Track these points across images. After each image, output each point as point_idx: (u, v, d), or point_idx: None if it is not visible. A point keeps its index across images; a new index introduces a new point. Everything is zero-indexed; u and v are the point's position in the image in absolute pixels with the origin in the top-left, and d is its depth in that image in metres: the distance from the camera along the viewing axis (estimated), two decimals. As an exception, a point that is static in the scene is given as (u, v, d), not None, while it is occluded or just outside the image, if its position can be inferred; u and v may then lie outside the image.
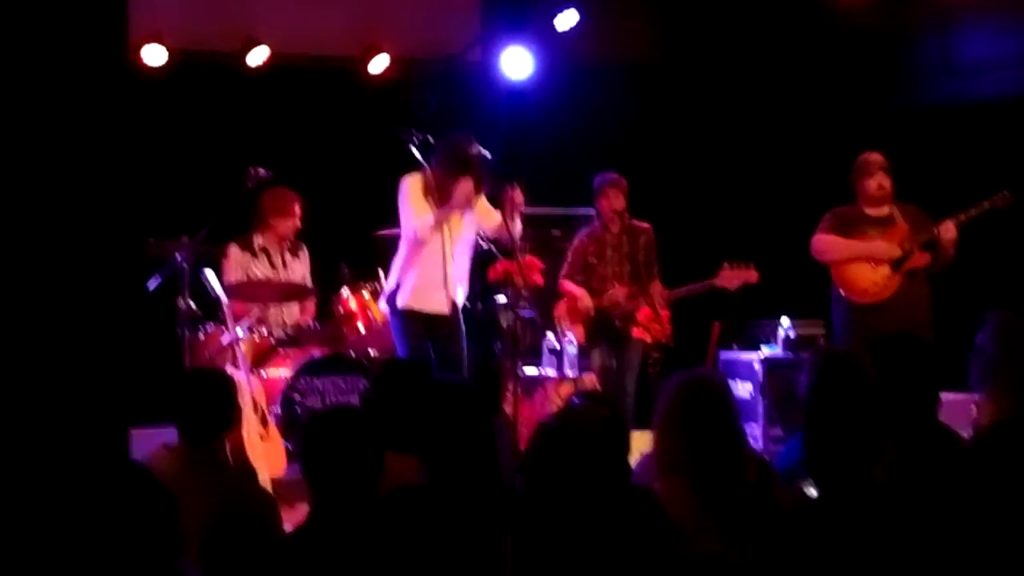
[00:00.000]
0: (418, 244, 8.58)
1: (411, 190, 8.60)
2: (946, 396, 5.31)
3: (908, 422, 4.82)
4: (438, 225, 8.51)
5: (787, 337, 10.24)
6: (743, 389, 10.04)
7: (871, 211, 9.04)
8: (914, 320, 8.48)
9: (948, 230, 8.78)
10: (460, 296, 8.70)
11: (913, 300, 8.86)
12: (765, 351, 10.28)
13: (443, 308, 8.59)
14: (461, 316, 8.72)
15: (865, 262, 8.96)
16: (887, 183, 8.97)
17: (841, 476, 4.19)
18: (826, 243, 9.08)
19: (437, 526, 4.48)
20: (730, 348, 10.56)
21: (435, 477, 4.67)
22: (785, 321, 10.28)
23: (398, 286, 8.71)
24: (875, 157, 9.04)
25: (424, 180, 8.62)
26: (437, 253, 8.55)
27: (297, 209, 9.57)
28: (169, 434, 5.39)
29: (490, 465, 4.69)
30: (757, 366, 10.14)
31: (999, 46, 10.48)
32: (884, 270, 8.94)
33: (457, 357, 8.63)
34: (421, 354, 8.48)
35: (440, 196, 8.56)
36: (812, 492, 4.22)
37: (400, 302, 8.68)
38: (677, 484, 4.59)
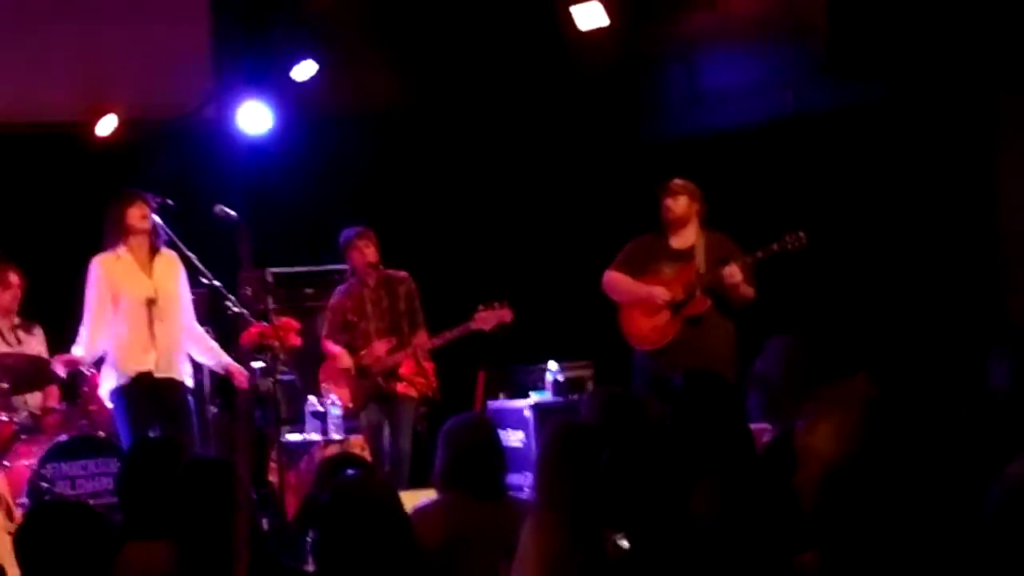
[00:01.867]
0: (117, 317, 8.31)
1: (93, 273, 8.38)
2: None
3: (720, 459, 4.56)
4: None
5: (556, 381, 9.96)
6: (514, 438, 9.67)
7: (674, 241, 8.79)
8: (709, 360, 8.01)
9: (732, 275, 8.49)
10: (179, 366, 8.39)
11: (704, 340, 8.56)
12: (534, 397, 9.98)
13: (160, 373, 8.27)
14: (185, 390, 8.40)
15: (643, 307, 8.74)
16: (677, 206, 8.71)
17: (648, 522, 3.93)
18: (612, 282, 8.86)
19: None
20: (497, 397, 10.26)
21: (186, 562, 4.35)
22: (553, 365, 10.00)
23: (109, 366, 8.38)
24: (674, 180, 8.80)
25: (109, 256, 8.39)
26: (142, 323, 8.28)
27: (13, 279, 9.02)
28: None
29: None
30: (528, 413, 9.79)
31: (742, 73, 10.47)
32: (663, 315, 8.68)
33: (185, 432, 8.20)
34: (145, 429, 8.08)
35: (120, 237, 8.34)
36: (624, 543, 3.95)
37: (113, 381, 8.33)
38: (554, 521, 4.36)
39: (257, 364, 8.72)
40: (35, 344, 9.11)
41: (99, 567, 4.16)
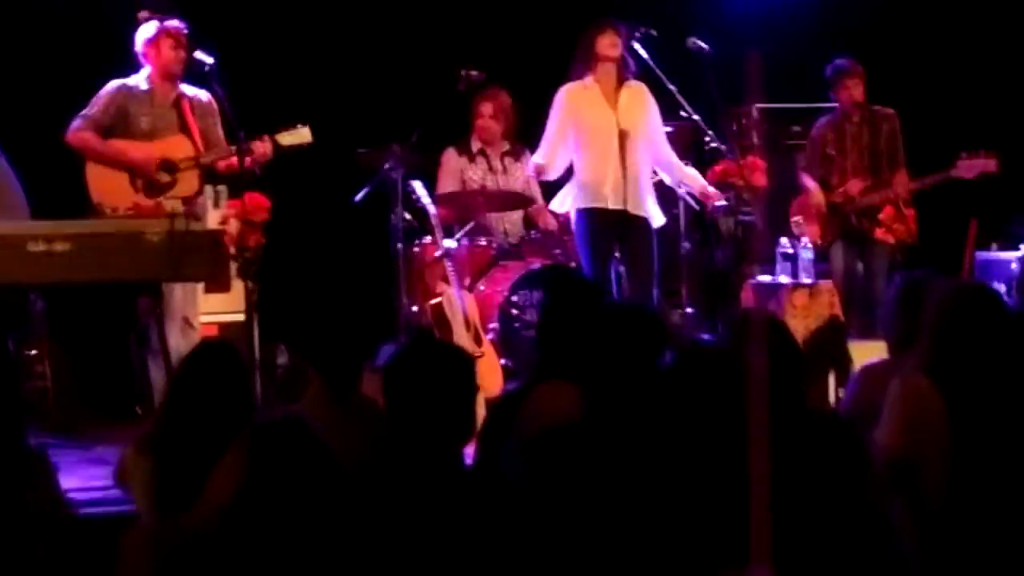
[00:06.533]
0: (582, 143, 8.18)
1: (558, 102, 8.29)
2: None
3: None
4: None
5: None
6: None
7: None
8: None
9: None
10: (643, 202, 8.20)
11: None
12: (1024, 249, 9.39)
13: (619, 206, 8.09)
14: (649, 224, 8.21)
15: None
16: None
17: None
18: None
19: (592, 469, 4.03)
20: (988, 248, 9.70)
21: (593, 407, 4.28)
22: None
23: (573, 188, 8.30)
24: None
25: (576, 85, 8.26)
26: (609, 150, 8.09)
27: (489, 109, 9.10)
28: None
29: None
30: (1014, 266, 9.28)
31: None
32: None
33: (644, 269, 8.13)
34: (603, 259, 8.04)
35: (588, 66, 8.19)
36: None
37: (575, 203, 8.24)
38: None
39: (720, 203, 8.58)
40: (521, 172, 9.20)
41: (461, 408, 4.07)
